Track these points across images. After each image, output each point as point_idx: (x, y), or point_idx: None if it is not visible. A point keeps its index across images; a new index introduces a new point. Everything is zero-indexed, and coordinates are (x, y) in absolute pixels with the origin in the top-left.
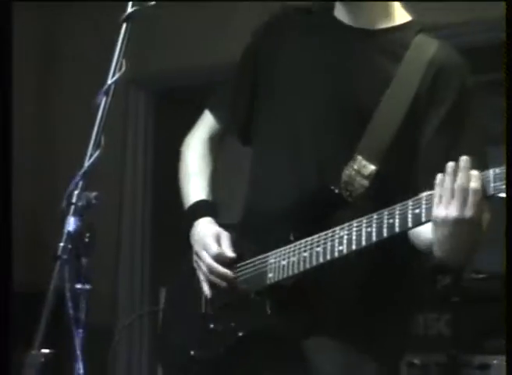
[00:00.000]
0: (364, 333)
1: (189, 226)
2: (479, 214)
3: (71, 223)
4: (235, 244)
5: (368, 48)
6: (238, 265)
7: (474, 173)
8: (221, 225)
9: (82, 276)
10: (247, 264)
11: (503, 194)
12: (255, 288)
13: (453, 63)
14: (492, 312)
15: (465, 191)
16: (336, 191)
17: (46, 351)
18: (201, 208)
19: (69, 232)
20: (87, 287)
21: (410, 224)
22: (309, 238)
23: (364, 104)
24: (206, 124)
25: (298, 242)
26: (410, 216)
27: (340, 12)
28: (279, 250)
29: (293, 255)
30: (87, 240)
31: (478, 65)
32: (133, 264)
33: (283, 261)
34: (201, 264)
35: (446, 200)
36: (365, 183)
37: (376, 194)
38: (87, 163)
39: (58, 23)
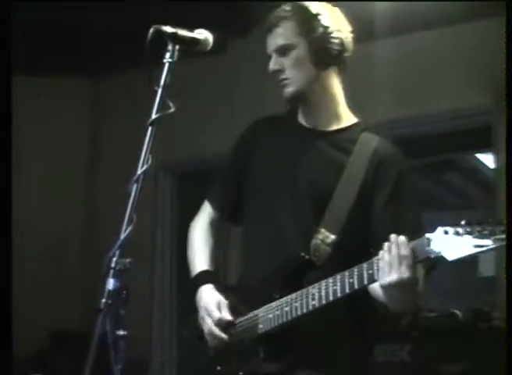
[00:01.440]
0: (336, 366)
1: (195, 290)
2: (413, 275)
3: (111, 283)
4: (231, 305)
5: (323, 145)
6: (237, 320)
7: (404, 242)
8: (222, 287)
9: (120, 325)
10: (243, 320)
11: (442, 254)
12: (250, 337)
13: (390, 155)
14: (444, 342)
15: (399, 258)
16: (307, 257)
17: None
18: (205, 277)
19: (109, 290)
20: (125, 333)
21: (365, 282)
22: (289, 296)
23: (323, 189)
24: (206, 211)
25: (280, 300)
26: (365, 275)
27: (301, 117)
28: (266, 306)
29: (277, 310)
30: (123, 296)
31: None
32: (163, 313)
33: (270, 315)
34: (205, 326)
35: (388, 268)
36: (328, 250)
37: (338, 258)
38: (122, 236)
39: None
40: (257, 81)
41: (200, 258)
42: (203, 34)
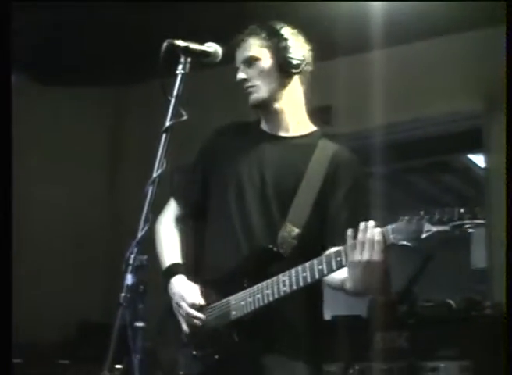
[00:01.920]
0: (304, 349)
1: (167, 282)
2: (382, 258)
3: (129, 279)
4: (203, 294)
5: (285, 150)
6: (208, 308)
7: (378, 229)
8: (192, 278)
9: (139, 317)
10: (214, 307)
11: (401, 242)
12: (223, 323)
13: (347, 160)
14: (438, 329)
15: (372, 242)
16: (275, 249)
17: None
18: (175, 269)
19: (127, 285)
20: (142, 324)
21: (334, 268)
22: (260, 284)
23: (287, 189)
24: (171, 208)
25: (251, 288)
26: (333, 262)
27: (264, 124)
28: (237, 294)
29: (249, 297)
30: (141, 290)
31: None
32: None
33: (242, 302)
34: (181, 310)
35: (359, 248)
36: (294, 242)
37: (302, 250)
38: (139, 234)
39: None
40: None
41: (168, 252)
42: (213, 47)
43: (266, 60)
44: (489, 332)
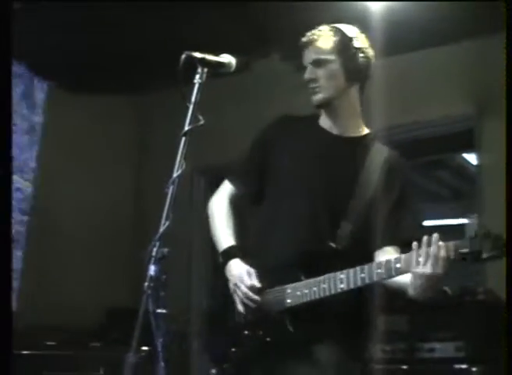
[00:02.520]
0: (350, 338)
1: (224, 263)
2: (445, 272)
3: (152, 269)
4: (260, 277)
5: (343, 149)
6: (264, 292)
7: (442, 244)
8: (249, 261)
9: (161, 304)
10: (270, 292)
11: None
12: (277, 309)
13: (397, 164)
14: (435, 314)
15: (437, 256)
16: (334, 246)
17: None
18: (233, 252)
19: (150, 275)
20: (164, 311)
21: (393, 274)
22: (317, 278)
23: (345, 187)
24: (226, 190)
25: (308, 280)
26: (393, 269)
27: (323, 121)
28: (293, 284)
29: (306, 289)
30: (163, 280)
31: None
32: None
33: (298, 292)
34: (239, 292)
35: (424, 261)
36: (351, 240)
37: (358, 248)
38: (161, 229)
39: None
40: (276, 95)
41: (225, 233)
42: (227, 58)
43: (335, 64)
44: (481, 316)
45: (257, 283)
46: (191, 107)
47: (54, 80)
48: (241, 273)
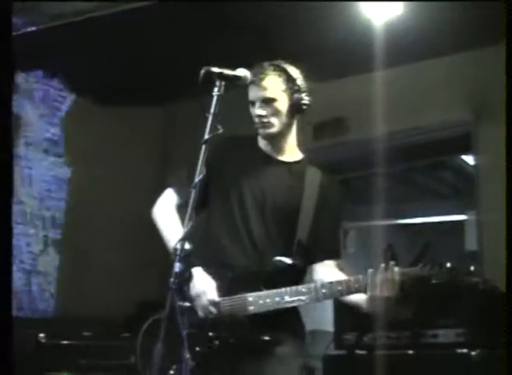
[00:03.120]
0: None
1: None
2: (397, 293)
3: (177, 267)
4: (219, 288)
5: (282, 173)
6: (224, 299)
7: (397, 271)
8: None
9: (186, 298)
10: (231, 299)
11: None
12: (240, 314)
13: (331, 183)
14: (437, 303)
15: (391, 281)
16: (291, 262)
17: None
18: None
19: (175, 272)
20: (189, 304)
21: (353, 291)
22: (279, 290)
23: (284, 207)
24: (170, 197)
25: (270, 291)
26: (353, 288)
27: (263, 144)
28: (255, 293)
29: (268, 298)
30: (187, 276)
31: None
32: None
33: (260, 300)
34: (199, 302)
35: (380, 285)
36: (303, 255)
37: (309, 262)
38: (185, 229)
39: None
40: None
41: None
42: (243, 72)
43: (282, 102)
44: (480, 305)
45: (216, 297)
46: (210, 117)
47: (80, 94)
48: (202, 285)
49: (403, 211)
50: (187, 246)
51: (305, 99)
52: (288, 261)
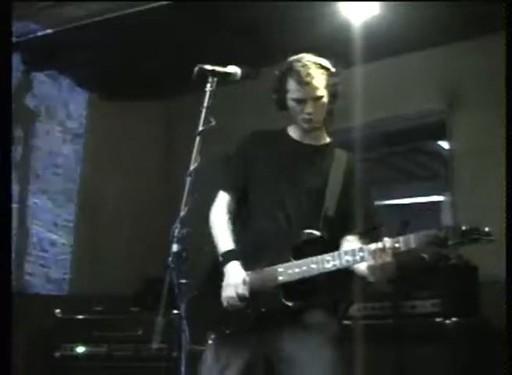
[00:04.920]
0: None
1: (224, 263)
2: (392, 263)
3: (174, 247)
4: (252, 261)
5: (313, 155)
6: (257, 271)
7: (390, 243)
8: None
9: (182, 276)
10: (262, 271)
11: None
12: (270, 285)
13: (355, 164)
14: (415, 277)
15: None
16: (318, 234)
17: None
18: (231, 255)
19: (173, 252)
20: (185, 281)
21: (359, 260)
22: (306, 259)
23: (316, 185)
24: (223, 200)
25: (298, 261)
26: (358, 256)
27: (293, 133)
28: (284, 264)
29: (296, 268)
30: (184, 255)
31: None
32: None
33: (289, 270)
34: (228, 293)
35: (378, 256)
36: (329, 229)
37: (334, 234)
38: (181, 213)
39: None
40: None
41: (225, 238)
42: (233, 69)
43: (326, 97)
44: (453, 277)
45: (246, 292)
46: (204, 111)
47: (92, 91)
48: (235, 280)
49: (385, 193)
50: (184, 229)
51: (339, 91)
52: (315, 233)
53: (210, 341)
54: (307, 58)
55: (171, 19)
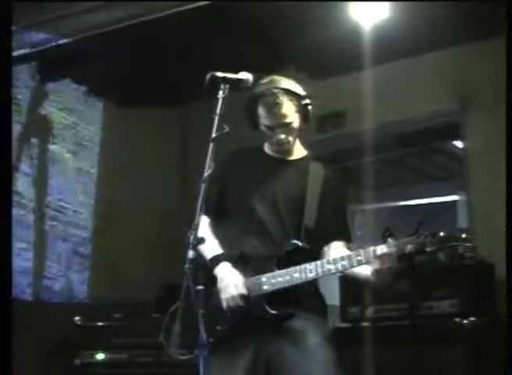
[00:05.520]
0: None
1: (214, 266)
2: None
3: (190, 253)
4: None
5: (289, 170)
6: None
7: (394, 242)
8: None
9: (199, 282)
10: (247, 280)
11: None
12: (255, 293)
13: (332, 175)
14: (432, 277)
15: (390, 253)
16: (300, 244)
17: None
18: (221, 257)
19: (189, 258)
20: (202, 287)
21: (355, 264)
22: (288, 269)
23: (293, 199)
24: (205, 221)
25: (281, 271)
26: (355, 261)
27: (268, 149)
28: (268, 274)
29: (280, 277)
30: (200, 262)
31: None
32: None
33: (273, 280)
34: (227, 294)
35: (381, 257)
36: (311, 238)
37: (316, 244)
38: (196, 220)
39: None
40: None
41: (209, 247)
42: (245, 75)
43: (296, 121)
44: (470, 276)
45: (245, 292)
46: (216, 118)
47: (108, 99)
48: (231, 279)
49: (401, 194)
50: (199, 235)
51: (311, 110)
52: (297, 243)
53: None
54: (276, 84)
55: (183, 27)
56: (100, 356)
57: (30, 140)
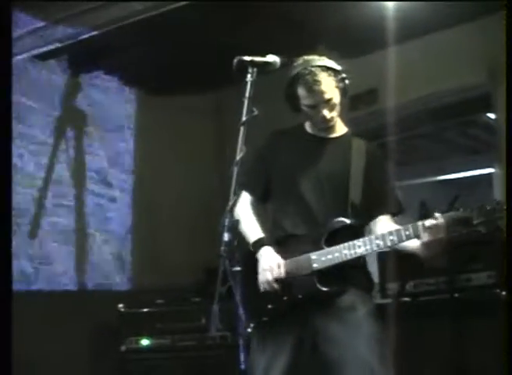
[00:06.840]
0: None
1: (257, 250)
2: (444, 237)
3: (226, 236)
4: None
5: (332, 147)
6: (292, 259)
7: (442, 220)
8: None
9: (235, 263)
10: (296, 260)
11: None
12: (305, 272)
13: (375, 150)
14: (469, 250)
15: (439, 227)
16: (347, 221)
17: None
18: (263, 241)
19: (225, 241)
20: (239, 268)
21: (404, 239)
22: (338, 246)
23: (337, 176)
24: (245, 197)
25: (330, 248)
26: (404, 235)
27: (309, 128)
28: (317, 252)
29: (329, 254)
30: (235, 244)
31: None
32: None
33: (323, 257)
34: (265, 278)
35: (432, 233)
36: (356, 216)
37: (362, 219)
38: (230, 203)
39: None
40: None
41: (253, 229)
42: (272, 58)
43: (336, 96)
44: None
45: (282, 274)
46: (246, 101)
47: (139, 88)
48: (270, 263)
49: (439, 168)
50: (233, 217)
51: (349, 88)
52: (345, 221)
53: (249, 330)
54: (311, 62)
55: (212, 14)
56: (144, 342)
57: (65, 133)
